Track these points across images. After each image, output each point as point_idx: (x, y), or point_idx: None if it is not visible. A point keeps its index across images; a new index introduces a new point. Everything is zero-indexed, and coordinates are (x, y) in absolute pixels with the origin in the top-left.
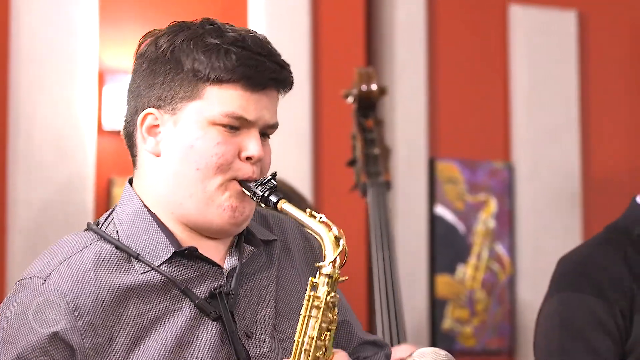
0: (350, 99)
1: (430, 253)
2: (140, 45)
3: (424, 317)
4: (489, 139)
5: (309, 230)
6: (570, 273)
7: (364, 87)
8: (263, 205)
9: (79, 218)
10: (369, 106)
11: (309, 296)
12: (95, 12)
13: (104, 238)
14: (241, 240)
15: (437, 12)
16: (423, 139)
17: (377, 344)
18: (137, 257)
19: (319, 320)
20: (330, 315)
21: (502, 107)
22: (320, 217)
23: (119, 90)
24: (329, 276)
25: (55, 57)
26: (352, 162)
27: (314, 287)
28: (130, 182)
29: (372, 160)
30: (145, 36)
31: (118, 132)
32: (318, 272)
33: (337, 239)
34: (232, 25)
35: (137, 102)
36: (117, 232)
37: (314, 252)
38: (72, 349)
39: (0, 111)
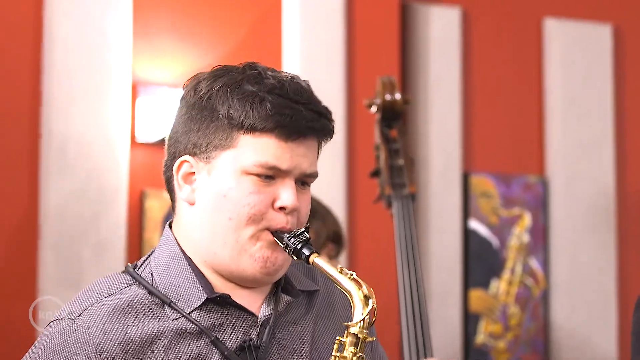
0: (373, 109)
1: (464, 267)
2: (183, 87)
3: (457, 331)
4: (524, 153)
5: (338, 287)
6: None
7: (387, 97)
8: (295, 258)
9: (111, 232)
10: (393, 116)
11: (335, 356)
12: (129, 24)
13: (139, 282)
14: (278, 289)
15: (471, 25)
16: (457, 153)
17: None
18: (170, 304)
19: None
20: None
21: (536, 121)
22: (351, 274)
23: (152, 103)
24: (356, 336)
25: (89, 70)
26: (375, 173)
27: (341, 347)
28: (170, 225)
29: (397, 171)
30: (190, 79)
31: (151, 145)
32: (346, 332)
33: (366, 298)
34: (275, 71)
35: (175, 148)
36: (152, 275)
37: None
38: None
39: (33, 124)
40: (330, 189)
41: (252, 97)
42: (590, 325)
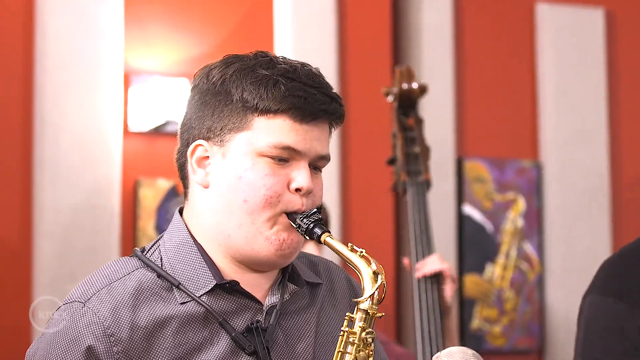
0: (390, 98)
1: (459, 253)
2: (193, 77)
3: None
4: (517, 138)
5: (348, 264)
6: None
7: (404, 86)
8: (307, 237)
9: (106, 221)
10: (409, 104)
11: (344, 332)
12: (121, 13)
13: (148, 265)
14: (285, 278)
15: (464, 11)
16: (451, 139)
17: None
18: (179, 286)
19: (352, 356)
20: (365, 351)
21: (530, 106)
22: (361, 252)
23: (144, 92)
24: (366, 312)
25: (81, 59)
26: (392, 161)
27: (351, 323)
28: (181, 211)
29: (413, 159)
30: (200, 69)
31: (144, 134)
32: (355, 308)
33: (375, 274)
34: (286, 58)
35: (188, 134)
36: (161, 259)
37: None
38: None
39: (26, 115)
40: (324, 177)
41: (266, 80)
42: None
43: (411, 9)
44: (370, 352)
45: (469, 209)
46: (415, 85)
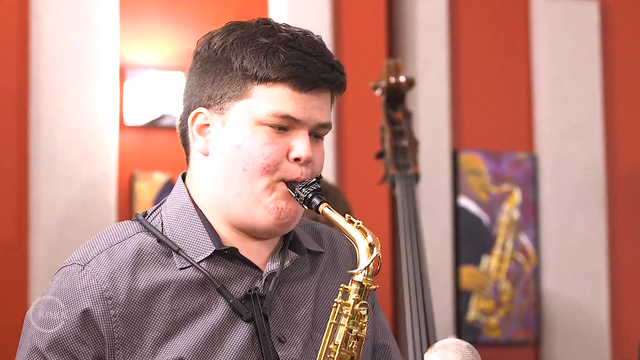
0: (378, 92)
1: (455, 245)
2: (197, 44)
3: (448, 309)
4: (512, 130)
5: (345, 235)
6: None
7: (392, 79)
8: (305, 207)
9: (102, 216)
10: (397, 98)
11: (337, 303)
12: (116, 7)
13: (148, 230)
14: (286, 246)
15: (459, 4)
16: (446, 131)
17: None
18: (178, 252)
19: (345, 328)
20: (358, 323)
21: (525, 98)
22: (358, 223)
23: (140, 86)
24: (360, 284)
25: (76, 54)
26: (380, 155)
27: (345, 295)
28: (184, 177)
29: (401, 152)
30: (203, 36)
31: (140, 128)
32: (350, 279)
33: (371, 246)
34: (289, 26)
35: (189, 101)
36: (162, 224)
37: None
38: (101, 336)
39: (21, 110)
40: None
41: (266, 48)
42: (581, 301)
43: (406, 1)
44: (364, 324)
45: (464, 201)
46: (402, 79)
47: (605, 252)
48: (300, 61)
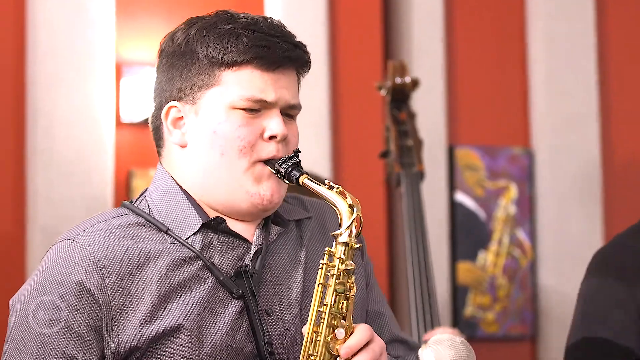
0: (383, 92)
1: (451, 240)
2: (160, 44)
3: (445, 304)
4: (508, 125)
5: (326, 202)
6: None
7: (397, 80)
8: (287, 181)
9: (98, 212)
10: (402, 98)
11: (323, 264)
12: (112, 4)
13: (136, 213)
14: (269, 220)
15: None
16: (442, 127)
17: (410, 345)
18: (167, 232)
19: (333, 288)
20: (346, 283)
21: (521, 93)
22: (338, 188)
23: (136, 83)
24: (345, 244)
25: (72, 50)
26: (385, 154)
27: (330, 257)
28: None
29: (406, 151)
30: (165, 35)
31: (136, 125)
32: (335, 241)
33: (351, 207)
34: (247, 13)
35: (160, 97)
36: (149, 208)
37: None
38: (98, 304)
39: (18, 106)
40: (315, 165)
41: (229, 34)
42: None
43: None
44: (352, 285)
45: (461, 197)
46: (408, 80)
47: (601, 246)
48: (263, 42)
